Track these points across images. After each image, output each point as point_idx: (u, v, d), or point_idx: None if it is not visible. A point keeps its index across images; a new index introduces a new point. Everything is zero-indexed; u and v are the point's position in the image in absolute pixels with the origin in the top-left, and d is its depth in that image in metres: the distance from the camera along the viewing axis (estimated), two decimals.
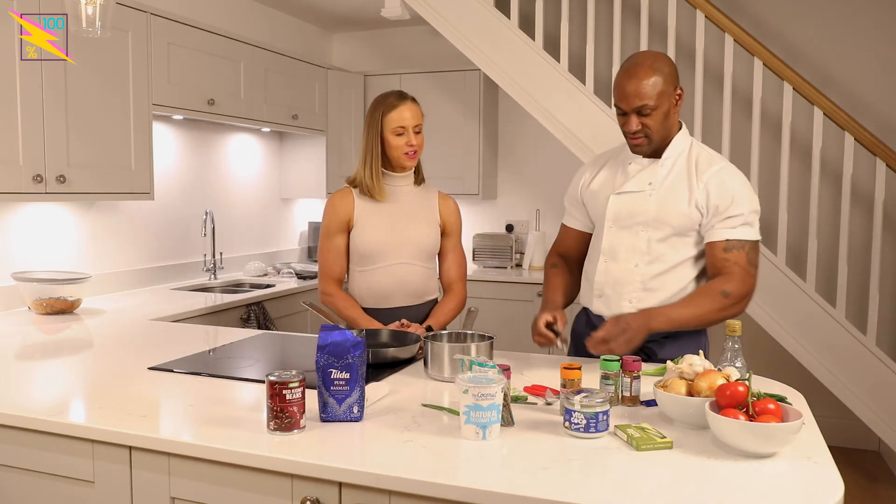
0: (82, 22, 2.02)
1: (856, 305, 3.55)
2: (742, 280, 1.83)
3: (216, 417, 1.48)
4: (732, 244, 1.84)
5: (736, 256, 1.84)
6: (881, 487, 3.41)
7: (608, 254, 1.99)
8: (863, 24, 3.77)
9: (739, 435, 1.26)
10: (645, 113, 1.86)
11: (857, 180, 3.58)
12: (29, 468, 1.51)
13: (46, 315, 2.70)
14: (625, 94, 1.87)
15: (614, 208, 1.97)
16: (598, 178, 2.06)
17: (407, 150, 2.17)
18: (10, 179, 2.53)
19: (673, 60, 1.93)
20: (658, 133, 1.89)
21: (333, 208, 2.23)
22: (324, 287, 2.25)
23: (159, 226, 3.64)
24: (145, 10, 3.03)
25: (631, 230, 1.95)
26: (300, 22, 4.68)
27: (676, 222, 1.89)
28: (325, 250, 2.25)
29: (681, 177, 1.91)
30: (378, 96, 2.23)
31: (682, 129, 1.96)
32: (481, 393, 1.32)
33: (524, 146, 4.62)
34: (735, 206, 1.84)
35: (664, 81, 1.85)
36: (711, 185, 1.87)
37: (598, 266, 2.00)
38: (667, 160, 1.93)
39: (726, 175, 1.89)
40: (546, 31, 3.56)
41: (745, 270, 1.84)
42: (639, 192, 1.94)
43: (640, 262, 1.93)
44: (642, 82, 1.84)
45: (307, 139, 4.46)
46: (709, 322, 1.85)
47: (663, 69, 1.86)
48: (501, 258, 4.47)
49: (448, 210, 2.31)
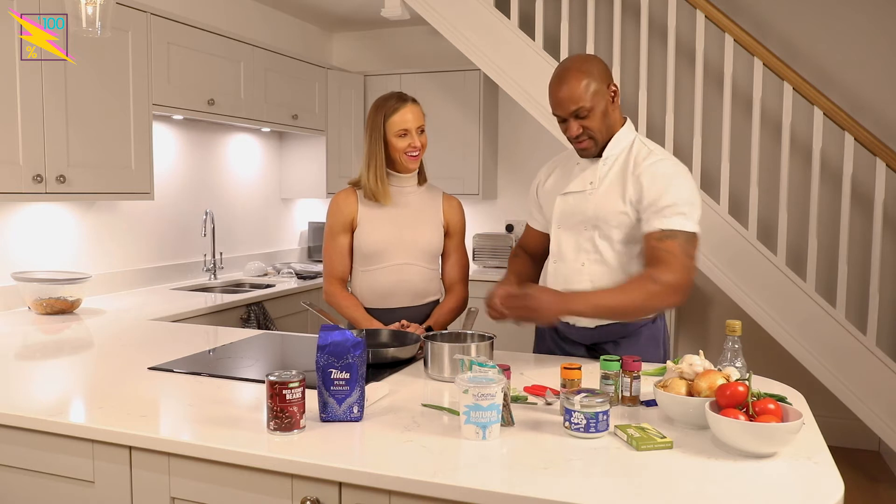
0: (82, 22, 2.03)
1: (856, 305, 3.55)
2: (673, 268, 1.74)
3: (216, 417, 1.48)
4: (666, 234, 1.78)
5: (669, 245, 1.77)
6: (881, 487, 3.41)
7: (556, 255, 2.00)
8: (863, 24, 3.77)
9: (739, 435, 1.26)
10: (582, 115, 1.85)
11: (857, 180, 3.58)
12: (29, 468, 1.51)
13: (46, 315, 2.70)
14: (559, 100, 1.87)
15: (559, 209, 1.98)
16: (551, 179, 2.07)
17: (411, 152, 2.17)
18: (10, 179, 2.53)
19: (601, 59, 1.93)
20: (601, 133, 1.89)
21: (337, 208, 2.23)
22: (327, 286, 2.27)
23: (159, 226, 3.63)
24: (145, 10, 3.03)
25: (574, 230, 1.95)
26: (300, 22, 4.68)
27: (615, 220, 1.88)
28: (329, 250, 2.26)
29: (618, 174, 1.90)
30: (378, 99, 2.22)
31: (626, 125, 1.95)
32: (481, 393, 1.32)
33: (524, 146, 4.62)
34: (667, 196, 1.80)
35: (595, 81, 1.85)
36: (644, 177, 1.84)
37: (549, 267, 2.03)
38: (608, 158, 1.92)
39: (660, 167, 1.85)
40: (546, 31, 3.56)
41: (678, 259, 1.75)
42: (581, 191, 1.94)
43: (587, 260, 1.93)
44: (573, 86, 1.84)
45: (307, 139, 4.46)
46: (638, 310, 1.80)
47: (591, 70, 1.86)
48: (501, 258, 4.46)
49: (452, 211, 2.32)
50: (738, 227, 3.21)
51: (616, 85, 1.91)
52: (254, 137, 4.32)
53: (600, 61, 1.91)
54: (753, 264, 3.20)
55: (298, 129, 4.16)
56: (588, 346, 2.01)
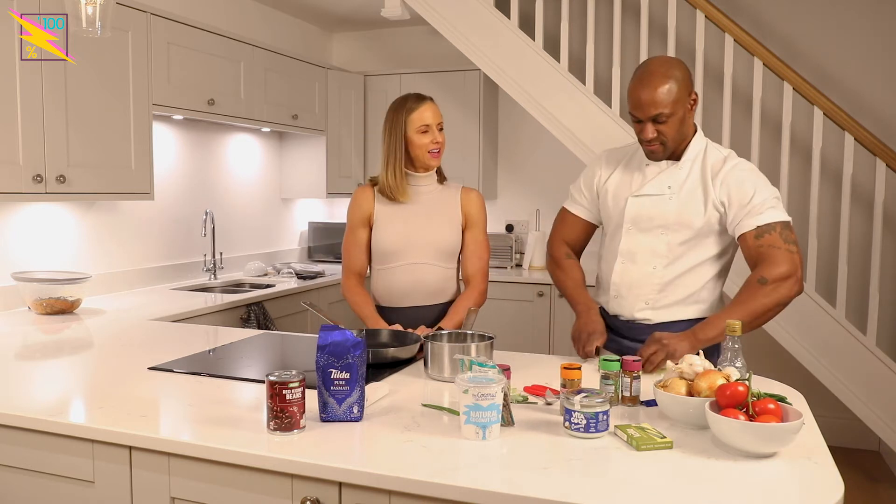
0: (82, 22, 2.02)
1: (856, 305, 3.55)
2: (778, 261, 1.80)
3: (216, 417, 1.48)
4: (763, 229, 1.83)
5: (768, 240, 1.82)
6: (881, 487, 3.41)
7: (626, 255, 1.99)
8: (863, 24, 3.77)
9: (739, 435, 1.26)
10: (661, 121, 1.85)
11: (857, 180, 3.58)
12: (29, 468, 1.51)
13: (46, 315, 2.70)
14: (640, 102, 1.86)
15: (633, 211, 1.97)
16: (615, 177, 2.06)
17: (432, 149, 2.21)
18: (10, 179, 2.53)
19: (685, 64, 1.93)
20: (674, 139, 1.90)
21: (356, 202, 2.27)
22: (344, 280, 2.31)
23: (159, 226, 3.63)
24: (145, 10, 3.03)
25: (651, 233, 1.95)
26: (300, 22, 4.68)
27: (697, 225, 1.90)
28: (348, 244, 2.30)
29: (698, 179, 1.92)
30: (397, 100, 2.27)
31: (699, 132, 1.98)
32: (481, 393, 1.32)
33: (524, 146, 4.62)
34: (756, 195, 1.85)
35: (679, 88, 1.85)
36: (729, 181, 1.87)
37: (616, 267, 2.01)
38: (685, 163, 1.94)
39: (740, 170, 1.90)
40: (546, 31, 3.56)
41: (779, 251, 1.81)
42: (658, 195, 1.94)
43: (659, 264, 1.94)
44: (657, 90, 1.83)
45: (307, 139, 4.46)
46: (764, 314, 1.81)
47: (677, 75, 1.86)
48: (501, 258, 4.46)
49: (469, 203, 2.31)
50: None
51: (696, 93, 1.92)
52: (254, 137, 4.32)
53: (684, 67, 1.90)
54: None
55: (298, 129, 4.16)
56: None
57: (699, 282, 1.95)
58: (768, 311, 1.82)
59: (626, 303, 2.00)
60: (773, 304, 1.81)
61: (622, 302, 2.01)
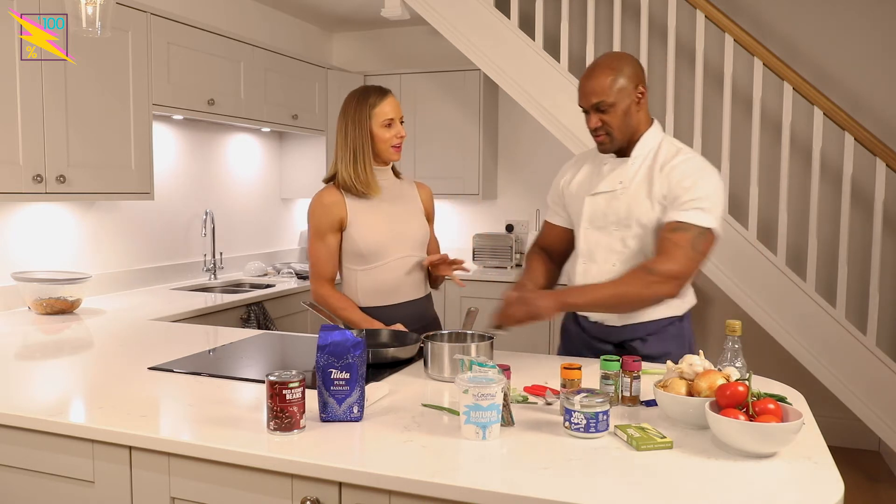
0: (82, 22, 2.02)
1: (856, 305, 3.55)
2: (674, 259, 1.76)
3: (216, 417, 1.48)
4: (679, 226, 1.79)
5: (678, 237, 1.78)
6: (881, 487, 3.41)
7: (586, 255, 2.01)
8: (863, 24, 3.77)
9: (739, 435, 1.26)
10: (602, 109, 1.88)
11: (857, 180, 3.58)
12: (29, 468, 1.51)
13: (46, 315, 2.70)
14: (583, 91, 1.92)
15: (589, 209, 1.99)
16: (577, 178, 2.07)
17: (395, 143, 2.18)
18: (10, 179, 2.53)
19: (638, 61, 1.95)
20: (620, 130, 1.90)
21: (324, 208, 2.20)
22: (317, 288, 2.23)
23: (159, 226, 3.63)
24: (145, 10, 3.03)
25: (605, 230, 1.96)
26: (300, 22, 4.68)
27: (645, 219, 1.89)
28: (317, 251, 2.23)
29: (647, 174, 1.91)
30: (355, 93, 2.20)
31: (654, 126, 1.96)
32: (481, 393, 1.32)
33: (524, 146, 4.62)
34: (690, 191, 1.81)
35: (623, 78, 1.87)
36: (672, 175, 1.86)
37: (578, 268, 2.03)
38: (636, 158, 1.94)
39: (687, 165, 1.87)
40: (546, 31, 3.56)
41: (683, 251, 1.76)
42: (611, 191, 1.95)
43: (617, 261, 1.94)
44: (597, 80, 1.88)
45: (307, 139, 4.46)
46: (635, 300, 1.79)
47: (622, 67, 1.88)
48: (501, 258, 4.47)
49: (427, 198, 2.36)
50: (738, 227, 3.21)
51: (645, 87, 1.92)
52: (254, 137, 4.32)
53: (634, 62, 1.92)
54: (753, 264, 3.20)
55: (298, 129, 4.16)
56: (616, 344, 2.01)
57: None
58: (642, 301, 1.81)
59: None
60: (649, 296, 1.78)
61: None
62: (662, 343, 1.95)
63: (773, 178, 3.60)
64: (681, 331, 2.00)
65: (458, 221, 4.77)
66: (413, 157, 4.52)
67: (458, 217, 4.78)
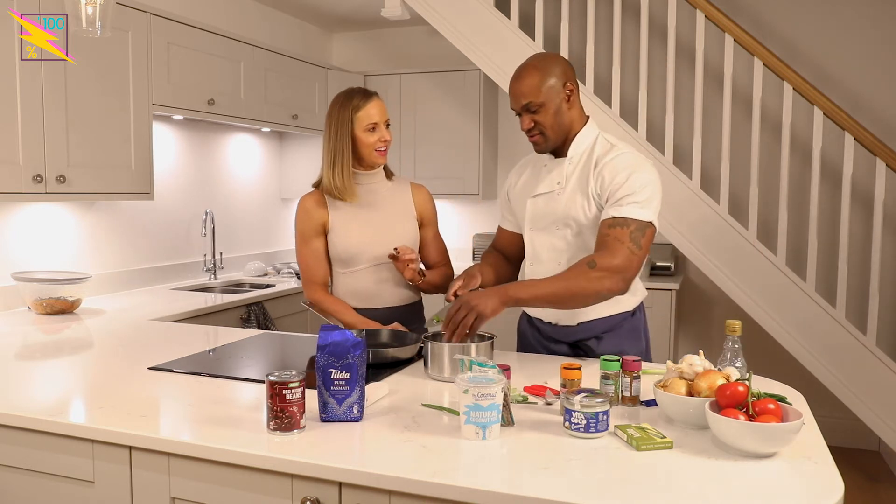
0: (82, 22, 2.02)
1: (856, 305, 3.55)
2: (615, 252, 1.75)
3: (216, 417, 1.48)
4: (617, 221, 1.79)
5: (617, 232, 1.78)
6: (881, 487, 3.41)
7: (533, 257, 2.02)
8: (863, 24, 3.77)
9: (739, 435, 1.26)
10: (532, 110, 1.89)
11: (857, 180, 3.58)
12: (29, 468, 1.51)
13: (46, 315, 2.70)
14: (512, 93, 1.92)
15: (531, 211, 2.00)
16: (521, 181, 2.08)
17: (379, 147, 2.14)
18: (10, 179, 2.53)
19: (565, 59, 1.95)
20: (553, 129, 1.91)
21: (307, 213, 2.18)
22: (310, 294, 2.22)
23: (159, 226, 3.63)
24: (145, 10, 3.03)
25: (547, 231, 1.97)
26: (300, 22, 4.68)
27: (583, 216, 1.89)
28: (304, 256, 2.21)
29: (582, 172, 1.92)
30: (339, 96, 2.17)
31: (588, 124, 1.96)
32: (481, 393, 1.32)
33: (524, 146, 4.57)
34: (625, 186, 1.81)
35: (550, 77, 1.87)
36: (605, 171, 1.85)
37: (526, 269, 2.04)
38: (573, 157, 1.94)
39: (620, 160, 1.86)
40: (546, 31, 3.56)
41: (623, 245, 1.76)
42: (549, 192, 1.96)
43: (563, 260, 1.94)
44: (525, 81, 1.88)
45: (307, 139, 4.46)
46: (579, 295, 1.77)
47: (547, 67, 1.89)
48: None
49: (422, 199, 2.30)
50: (738, 226, 3.21)
51: (574, 84, 1.92)
52: (254, 137, 4.32)
53: (561, 61, 1.93)
54: (753, 264, 3.20)
55: (298, 129, 4.16)
56: (570, 344, 2.02)
57: None
58: (586, 296, 1.78)
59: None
60: (592, 291, 1.76)
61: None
62: (617, 340, 1.96)
63: (773, 178, 3.60)
64: (635, 325, 2.00)
65: (458, 221, 4.78)
66: (413, 157, 4.52)
67: (458, 217, 4.78)
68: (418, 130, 4.49)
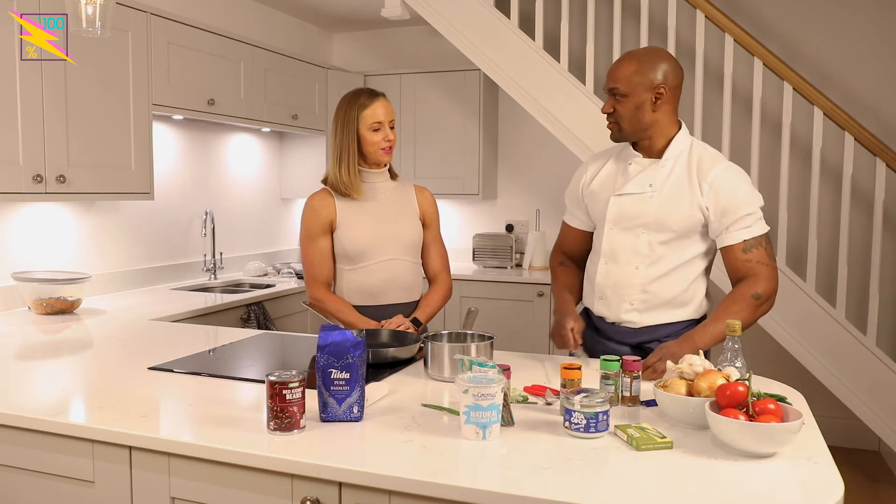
0: (82, 22, 2.02)
1: (856, 305, 3.55)
2: (769, 278, 1.87)
3: (216, 417, 1.48)
4: (750, 244, 1.86)
5: (757, 255, 1.86)
6: (881, 487, 3.41)
7: (608, 256, 1.99)
8: (863, 24, 3.77)
9: (739, 435, 1.26)
10: (616, 96, 1.91)
11: (857, 180, 3.58)
12: (29, 468, 1.51)
13: (46, 315, 2.70)
14: (607, 74, 1.95)
15: (615, 210, 1.97)
16: (599, 177, 2.05)
17: (383, 146, 2.18)
18: (10, 179, 2.53)
19: (675, 61, 1.93)
20: (628, 122, 1.91)
21: (314, 211, 2.20)
22: (313, 292, 2.23)
23: (159, 226, 3.63)
24: (145, 10, 3.03)
25: (632, 232, 1.95)
26: (300, 22, 4.68)
27: (678, 225, 1.89)
28: (310, 254, 2.23)
29: (682, 178, 1.91)
30: (347, 95, 2.22)
31: (682, 130, 1.96)
32: (481, 393, 1.32)
33: (524, 146, 4.62)
34: (746, 205, 1.85)
35: (644, 72, 1.87)
36: (718, 186, 1.86)
37: (599, 268, 2.00)
38: (667, 161, 1.93)
39: (731, 175, 1.89)
40: (546, 31, 3.56)
41: (769, 268, 1.87)
42: (639, 193, 1.94)
43: (641, 264, 1.94)
44: (621, 67, 1.91)
45: (307, 139, 4.46)
46: (748, 326, 1.85)
47: (647, 62, 1.89)
48: (501, 258, 4.47)
49: (426, 202, 2.33)
50: None
51: (670, 89, 1.90)
52: (254, 137, 4.32)
53: (666, 63, 1.90)
54: None
55: (298, 129, 4.16)
56: (633, 346, 2.01)
57: (683, 283, 1.94)
58: (749, 325, 1.86)
59: (611, 304, 1.99)
60: (755, 319, 1.88)
61: (607, 303, 2.00)
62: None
63: (773, 178, 3.60)
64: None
65: (458, 221, 4.78)
66: (413, 157, 4.52)
67: (458, 217, 4.78)
68: (418, 130, 4.49)
